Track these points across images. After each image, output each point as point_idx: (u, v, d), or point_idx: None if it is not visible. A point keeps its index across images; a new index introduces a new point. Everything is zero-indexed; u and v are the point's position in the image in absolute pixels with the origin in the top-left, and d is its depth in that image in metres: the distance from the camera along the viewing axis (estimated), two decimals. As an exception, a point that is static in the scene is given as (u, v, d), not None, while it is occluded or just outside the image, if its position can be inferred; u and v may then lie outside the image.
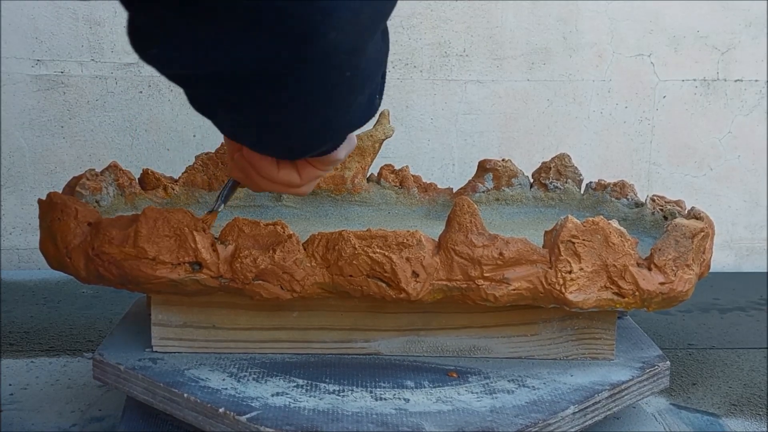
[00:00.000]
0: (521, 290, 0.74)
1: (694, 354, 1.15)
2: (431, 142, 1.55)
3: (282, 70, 0.50)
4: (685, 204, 0.90)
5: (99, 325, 1.21)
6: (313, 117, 0.56)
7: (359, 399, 0.74)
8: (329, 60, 0.50)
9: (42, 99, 1.46)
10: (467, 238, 0.73)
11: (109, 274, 0.75)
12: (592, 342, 0.82)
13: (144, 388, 0.77)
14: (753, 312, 1.34)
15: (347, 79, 0.54)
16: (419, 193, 1.01)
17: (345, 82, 0.54)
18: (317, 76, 0.51)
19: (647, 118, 1.58)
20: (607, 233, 0.74)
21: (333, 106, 0.56)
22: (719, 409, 0.98)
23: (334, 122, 0.58)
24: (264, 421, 0.69)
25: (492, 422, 0.70)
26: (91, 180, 0.88)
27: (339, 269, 0.73)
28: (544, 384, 0.77)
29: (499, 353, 0.83)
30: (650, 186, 1.59)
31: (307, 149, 0.62)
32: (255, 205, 0.98)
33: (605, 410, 0.77)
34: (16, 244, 1.50)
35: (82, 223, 0.76)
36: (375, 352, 0.83)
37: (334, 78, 0.53)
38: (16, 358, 1.08)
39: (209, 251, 0.74)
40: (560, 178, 0.99)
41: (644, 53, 1.56)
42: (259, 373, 0.78)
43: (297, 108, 0.54)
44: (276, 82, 0.51)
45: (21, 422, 0.91)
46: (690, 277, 0.77)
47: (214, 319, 0.81)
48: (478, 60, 1.53)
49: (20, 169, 1.48)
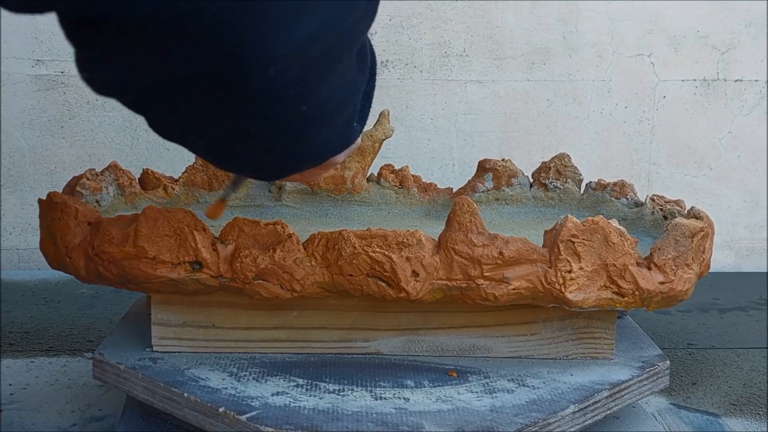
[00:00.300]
0: (521, 290, 0.74)
1: (693, 354, 1.15)
2: (431, 142, 1.55)
3: (224, 98, 0.47)
4: (684, 204, 0.91)
5: (99, 325, 1.21)
6: (272, 150, 0.54)
7: (359, 398, 0.74)
8: (273, 94, 0.47)
9: (42, 99, 1.46)
10: (467, 237, 0.73)
11: (109, 274, 0.75)
12: (592, 341, 0.82)
13: (144, 388, 0.77)
14: (753, 312, 1.34)
15: (302, 113, 0.51)
16: (419, 193, 1.01)
17: (300, 116, 0.51)
18: (264, 111, 0.49)
19: (647, 118, 1.58)
20: (607, 233, 0.74)
21: (292, 139, 0.53)
22: (719, 408, 0.98)
23: (297, 155, 0.56)
24: (264, 421, 0.69)
25: (492, 421, 0.70)
26: (91, 180, 0.88)
27: (339, 269, 0.73)
28: (543, 383, 0.77)
29: (499, 353, 0.83)
30: (650, 186, 1.59)
31: (276, 176, 0.60)
32: (255, 205, 0.98)
33: (605, 410, 0.77)
34: (16, 244, 1.50)
35: (82, 222, 0.76)
36: (375, 351, 0.83)
37: (284, 112, 0.50)
38: (16, 358, 1.08)
39: (209, 251, 0.74)
40: (560, 177, 1.00)
41: (644, 53, 1.56)
42: (259, 372, 0.78)
43: (252, 141, 0.52)
44: (218, 108, 0.49)
45: (21, 422, 0.91)
46: (690, 276, 0.77)
47: (214, 318, 0.81)
48: (478, 60, 1.53)
49: (20, 169, 1.48)
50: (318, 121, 0.53)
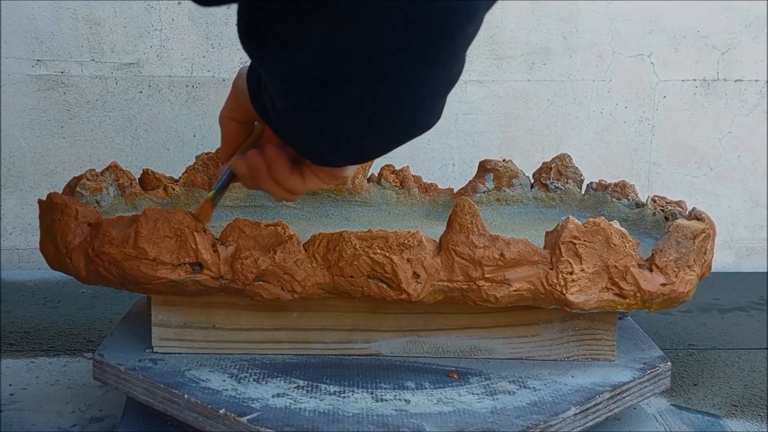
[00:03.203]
0: (522, 291, 0.74)
1: (694, 354, 1.15)
2: (431, 142, 1.55)
3: (411, 64, 0.48)
4: (686, 204, 0.90)
5: (99, 325, 1.21)
6: (410, 115, 0.54)
7: (360, 400, 0.74)
8: (458, 54, 0.50)
9: (42, 99, 1.46)
10: (468, 238, 0.73)
11: (110, 275, 0.74)
12: (593, 343, 0.82)
13: (144, 389, 0.77)
14: (753, 312, 1.34)
15: (452, 77, 0.52)
16: (420, 194, 1.01)
17: (450, 79, 0.52)
18: (438, 71, 0.50)
19: (647, 118, 1.58)
20: (608, 234, 0.74)
21: (431, 103, 0.54)
22: (720, 409, 0.98)
23: (420, 122, 0.56)
24: (264, 423, 0.69)
25: (493, 423, 0.70)
26: (92, 180, 0.88)
27: (340, 270, 0.73)
28: (545, 385, 0.77)
29: (500, 354, 0.83)
30: (650, 186, 1.59)
31: (377, 153, 0.59)
32: (255, 206, 0.98)
33: (606, 411, 0.77)
34: (16, 244, 1.50)
35: (82, 223, 0.76)
36: (376, 352, 0.83)
37: (447, 73, 0.51)
38: (16, 358, 1.08)
39: (210, 252, 0.74)
40: (561, 178, 0.99)
41: (644, 53, 1.56)
42: (259, 374, 0.78)
43: (401, 106, 0.52)
44: (397, 78, 0.49)
45: (21, 422, 0.91)
46: (691, 278, 0.77)
47: (215, 319, 0.81)
48: (478, 60, 1.53)
49: (20, 169, 1.48)
50: (451, 87, 0.54)
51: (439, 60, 0.50)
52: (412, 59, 0.48)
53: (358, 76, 0.48)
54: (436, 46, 0.48)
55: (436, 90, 0.53)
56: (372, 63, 0.47)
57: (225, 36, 1.46)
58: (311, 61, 0.47)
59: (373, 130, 0.54)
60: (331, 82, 0.49)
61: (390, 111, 0.52)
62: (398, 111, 0.52)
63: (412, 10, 0.45)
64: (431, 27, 0.47)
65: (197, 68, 1.48)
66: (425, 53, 0.48)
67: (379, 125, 0.53)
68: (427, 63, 0.49)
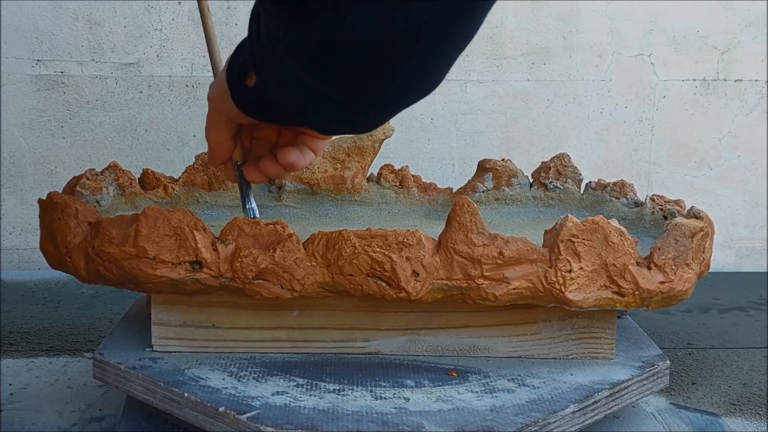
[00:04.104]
0: (521, 289, 0.74)
1: (693, 353, 1.15)
2: (431, 142, 1.55)
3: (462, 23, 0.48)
4: (684, 203, 0.91)
5: (99, 325, 1.21)
6: (438, 77, 0.53)
7: (359, 398, 0.74)
8: (485, 12, 0.50)
9: (42, 99, 1.46)
10: (467, 237, 0.73)
11: (110, 274, 0.75)
12: (592, 341, 0.82)
13: (144, 388, 0.77)
14: (753, 312, 1.34)
15: (474, 32, 0.52)
16: (419, 193, 1.01)
17: (471, 36, 0.52)
18: (474, 27, 0.50)
19: (647, 118, 1.58)
20: (607, 232, 0.74)
21: (452, 63, 0.53)
22: (719, 408, 0.98)
23: (437, 85, 0.55)
24: (264, 420, 0.69)
25: (492, 421, 0.70)
26: (92, 180, 0.88)
27: (339, 268, 0.73)
28: (544, 383, 0.77)
29: (499, 352, 0.83)
30: (650, 186, 1.59)
31: (387, 118, 0.59)
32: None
33: (605, 409, 0.77)
34: (16, 244, 1.50)
35: (82, 222, 0.76)
36: (375, 351, 0.83)
37: (474, 30, 0.51)
38: (16, 358, 1.08)
39: (209, 250, 0.74)
40: (560, 177, 1.00)
41: (644, 53, 1.56)
42: (259, 372, 0.78)
43: (432, 69, 0.52)
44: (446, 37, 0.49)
45: (21, 422, 0.91)
46: (690, 276, 0.77)
47: (214, 318, 0.81)
48: (478, 60, 1.53)
49: (20, 169, 1.48)
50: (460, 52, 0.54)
51: (475, 17, 0.50)
52: (451, 20, 0.48)
53: (405, 41, 0.48)
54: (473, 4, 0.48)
55: (461, 48, 0.52)
56: (418, 28, 0.47)
57: (225, 36, 1.46)
58: (362, 23, 0.47)
59: (401, 93, 0.54)
60: (377, 45, 0.48)
61: (423, 74, 0.52)
62: (427, 75, 0.52)
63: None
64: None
65: (197, 68, 1.48)
66: (459, 14, 0.48)
67: (408, 87, 0.53)
68: (461, 24, 0.49)
